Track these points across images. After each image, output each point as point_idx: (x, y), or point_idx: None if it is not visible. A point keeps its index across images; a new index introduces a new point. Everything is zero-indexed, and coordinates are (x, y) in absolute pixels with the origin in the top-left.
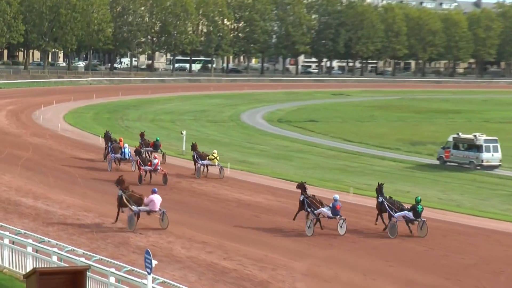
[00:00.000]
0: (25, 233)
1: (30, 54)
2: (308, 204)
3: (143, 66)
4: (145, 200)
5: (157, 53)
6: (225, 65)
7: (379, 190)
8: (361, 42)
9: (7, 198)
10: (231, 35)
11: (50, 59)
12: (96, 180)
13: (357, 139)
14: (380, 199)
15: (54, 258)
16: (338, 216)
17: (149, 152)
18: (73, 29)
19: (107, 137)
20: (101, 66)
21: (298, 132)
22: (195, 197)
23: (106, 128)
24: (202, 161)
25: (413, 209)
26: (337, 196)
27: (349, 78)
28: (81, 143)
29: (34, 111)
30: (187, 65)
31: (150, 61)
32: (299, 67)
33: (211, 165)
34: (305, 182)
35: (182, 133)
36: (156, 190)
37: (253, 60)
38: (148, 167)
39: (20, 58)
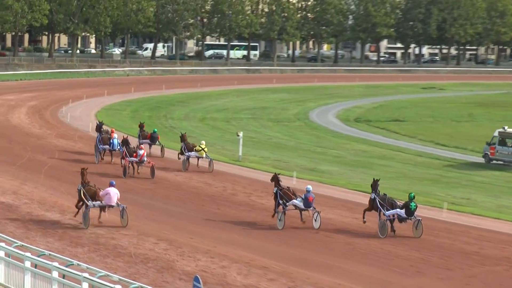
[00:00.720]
0: (49, 254)
1: (56, 39)
2: (281, 196)
3: (191, 54)
4: (100, 193)
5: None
6: (290, 52)
7: (374, 186)
8: (458, 24)
9: (28, 212)
10: (298, 15)
11: (79, 45)
12: (135, 193)
13: (452, 142)
14: (373, 195)
15: (85, 286)
16: (312, 209)
17: (148, 145)
18: (107, 9)
19: (98, 128)
20: (140, 52)
21: (379, 134)
22: (253, 212)
23: (148, 127)
24: (189, 153)
25: (406, 206)
26: (309, 187)
27: (443, 68)
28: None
29: (61, 107)
30: (224, 52)
31: (197, 48)
32: (381, 54)
33: (199, 157)
34: (278, 174)
35: (238, 135)
36: (114, 183)
37: (325, 46)
38: (133, 158)
39: (44, 44)
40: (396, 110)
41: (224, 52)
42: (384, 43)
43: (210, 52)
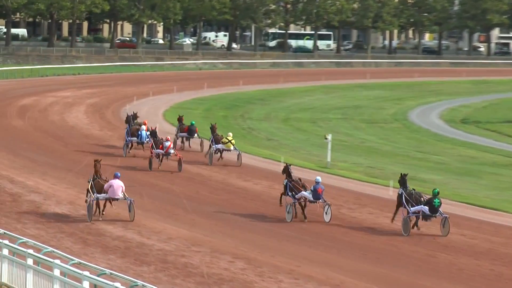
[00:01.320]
0: (111, 273)
1: (118, 27)
2: (291, 188)
3: (272, 44)
4: (105, 186)
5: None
6: (386, 42)
7: (402, 181)
8: None
9: (87, 225)
10: (396, 0)
11: (145, 35)
12: (208, 204)
13: None
14: (400, 190)
15: None
16: (321, 201)
17: (184, 139)
18: None
19: (128, 120)
20: (184, 41)
21: (490, 137)
22: (343, 228)
23: (222, 130)
24: (216, 145)
25: (429, 203)
26: (319, 178)
27: None
28: (186, 150)
29: (124, 105)
30: (292, 42)
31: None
32: (492, 45)
33: (225, 150)
34: (290, 165)
35: (326, 138)
36: (119, 174)
37: (427, 36)
38: (159, 150)
39: (105, 33)
40: (509, 110)
41: (293, 42)
42: (495, 32)
43: (274, 43)
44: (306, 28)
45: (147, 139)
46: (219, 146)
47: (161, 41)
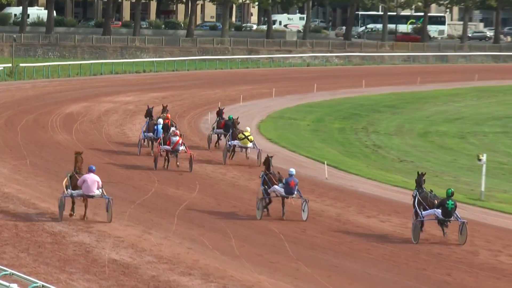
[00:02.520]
0: None
1: (198, 8)
2: (265, 181)
3: (406, 30)
4: (78, 181)
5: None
6: None
7: (418, 181)
8: None
9: (154, 276)
10: None
11: (233, 19)
12: (314, 248)
13: None
14: (414, 192)
15: None
16: (294, 197)
17: (220, 135)
18: None
19: (148, 113)
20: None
21: None
22: (503, 281)
23: (338, 147)
24: (232, 141)
25: (442, 205)
26: (293, 170)
27: None
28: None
29: (204, 115)
30: (379, 26)
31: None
32: None
33: (242, 146)
34: (271, 157)
35: (480, 159)
36: (94, 168)
37: None
38: (165, 147)
39: (179, 16)
40: None
41: (379, 26)
42: None
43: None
44: (431, 9)
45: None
46: (235, 142)
47: (255, 27)
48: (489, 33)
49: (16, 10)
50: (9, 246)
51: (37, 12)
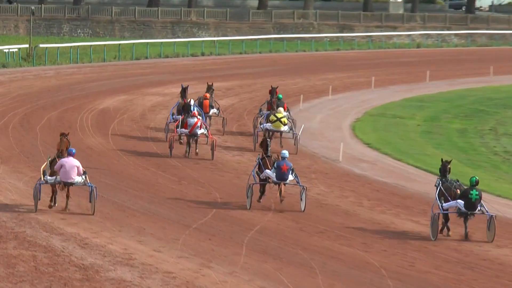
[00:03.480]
0: None
1: None
2: (259, 165)
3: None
4: (55, 166)
5: None
6: None
7: (442, 170)
8: None
9: None
10: None
11: None
12: None
13: None
14: (437, 181)
15: None
16: (288, 182)
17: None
18: None
19: (183, 92)
20: None
21: None
22: None
23: (458, 155)
24: (263, 124)
25: (464, 196)
26: (285, 152)
27: None
28: (401, 194)
29: (295, 105)
30: None
31: None
32: None
33: (275, 130)
34: (270, 138)
35: None
36: (74, 151)
37: None
38: (182, 130)
39: None
40: None
41: None
42: None
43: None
44: None
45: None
46: (267, 125)
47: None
48: None
49: None
50: (26, 283)
51: None
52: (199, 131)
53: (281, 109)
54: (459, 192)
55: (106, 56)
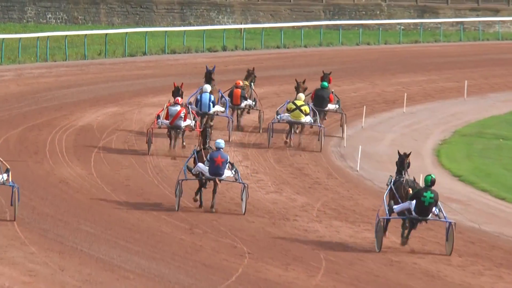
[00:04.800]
0: None
1: None
2: (195, 158)
3: None
4: None
5: None
6: None
7: (399, 164)
8: None
9: None
10: None
11: None
12: None
13: None
14: (389, 179)
15: None
16: (224, 178)
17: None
18: None
19: (208, 75)
20: None
21: None
22: None
23: None
24: (281, 115)
25: (416, 197)
26: (220, 142)
27: None
28: (506, 248)
29: (335, 131)
30: None
31: None
32: None
33: (295, 122)
34: (211, 126)
35: None
36: None
37: None
38: (164, 121)
39: None
40: None
41: None
42: None
43: None
44: None
45: (212, 109)
46: (285, 116)
47: None
48: None
49: None
50: None
51: None
52: (183, 123)
53: (301, 95)
54: (411, 191)
55: (87, 51)
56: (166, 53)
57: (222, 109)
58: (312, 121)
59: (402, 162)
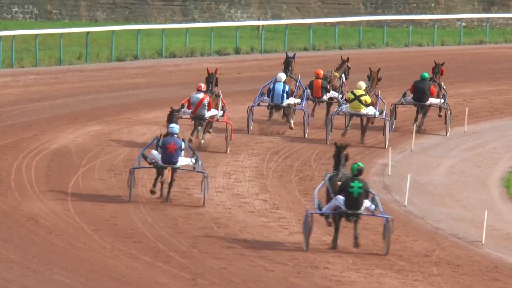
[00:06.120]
0: None
1: None
2: (153, 144)
3: None
4: None
5: None
6: None
7: (335, 158)
8: None
9: None
10: None
11: None
12: None
13: None
14: (326, 175)
15: None
16: (178, 166)
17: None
18: None
19: (287, 63)
20: None
21: None
22: None
23: None
24: (342, 106)
25: (343, 189)
26: (174, 126)
27: None
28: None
29: (404, 143)
30: None
31: None
32: None
33: (354, 114)
34: (178, 110)
35: None
36: None
37: None
38: (186, 110)
39: None
40: None
41: None
42: None
43: None
44: None
45: (285, 101)
46: (345, 108)
47: None
48: None
49: None
50: None
51: None
52: (207, 113)
53: (361, 83)
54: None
55: (63, 54)
56: (164, 56)
57: (298, 101)
58: (378, 113)
59: (339, 156)
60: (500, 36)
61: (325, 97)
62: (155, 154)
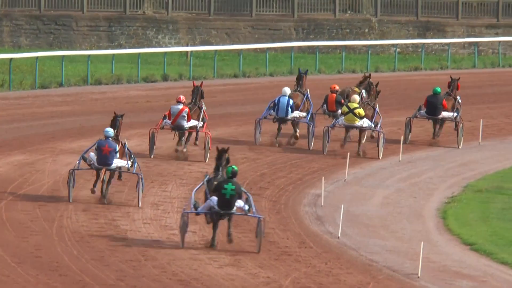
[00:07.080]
0: None
1: None
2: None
3: None
4: None
5: None
6: None
7: (217, 160)
8: None
9: None
10: None
11: None
12: None
13: None
14: (205, 177)
15: None
16: (113, 168)
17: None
18: None
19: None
20: None
21: None
22: None
23: None
24: (338, 119)
25: (217, 190)
26: (109, 130)
27: None
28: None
29: (335, 173)
30: None
31: None
32: None
33: (349, 126)
34: (121, 115)
35: None
36: None
37: None
38: (166, 121)
39: None
40: None
41: None
42: None
43: None
44: None
45: (290, 114)
46: (341, 120)
47: None
48: None
49: None
50: None
51: None
52: (186, 124)
53: (355, 97)
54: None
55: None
56: (89, 83)
57: (303, 114)
58: (373, 125)
59: (220, 158)
60: (435, 63)
61: (339, 111)
62: (92, 155)
